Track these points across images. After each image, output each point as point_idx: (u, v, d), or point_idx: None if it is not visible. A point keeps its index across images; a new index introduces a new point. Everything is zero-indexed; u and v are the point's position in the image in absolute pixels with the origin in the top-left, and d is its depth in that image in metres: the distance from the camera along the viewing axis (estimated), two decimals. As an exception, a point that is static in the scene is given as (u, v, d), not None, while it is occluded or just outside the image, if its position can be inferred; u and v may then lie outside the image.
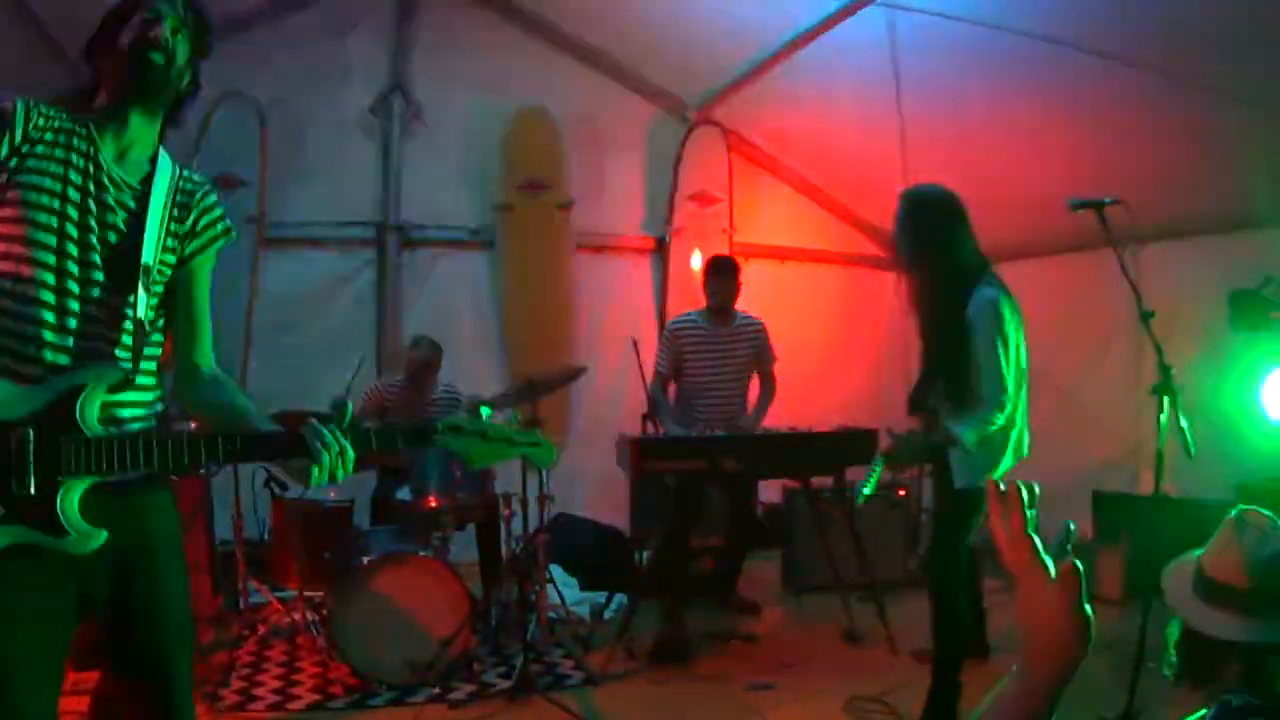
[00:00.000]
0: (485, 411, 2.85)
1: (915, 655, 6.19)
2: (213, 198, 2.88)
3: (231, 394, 2.88)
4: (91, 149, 2.62)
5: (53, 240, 2.50)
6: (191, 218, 2.80)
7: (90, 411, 2.48)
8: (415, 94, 9.01)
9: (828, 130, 9.07)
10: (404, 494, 6.50)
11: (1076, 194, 5.08)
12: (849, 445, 6.73)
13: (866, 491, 5.13)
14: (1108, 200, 4.96)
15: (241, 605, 6.68)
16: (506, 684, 5.70)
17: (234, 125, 8.38)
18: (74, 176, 2.57)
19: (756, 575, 7.98)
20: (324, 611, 6.08)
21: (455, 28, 9.06)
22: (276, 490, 6.51)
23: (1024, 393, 5.06)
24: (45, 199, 2.51)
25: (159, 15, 2.64)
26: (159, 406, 2.76)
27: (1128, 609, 6.98)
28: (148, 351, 2.69)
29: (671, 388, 7.42)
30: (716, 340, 7.28)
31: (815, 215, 10.29)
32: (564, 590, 7.07)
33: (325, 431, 2.57)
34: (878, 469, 5.12)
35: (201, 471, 6.77)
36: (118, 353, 2.62)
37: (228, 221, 2.91)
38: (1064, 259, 8.42)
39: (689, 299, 8.56)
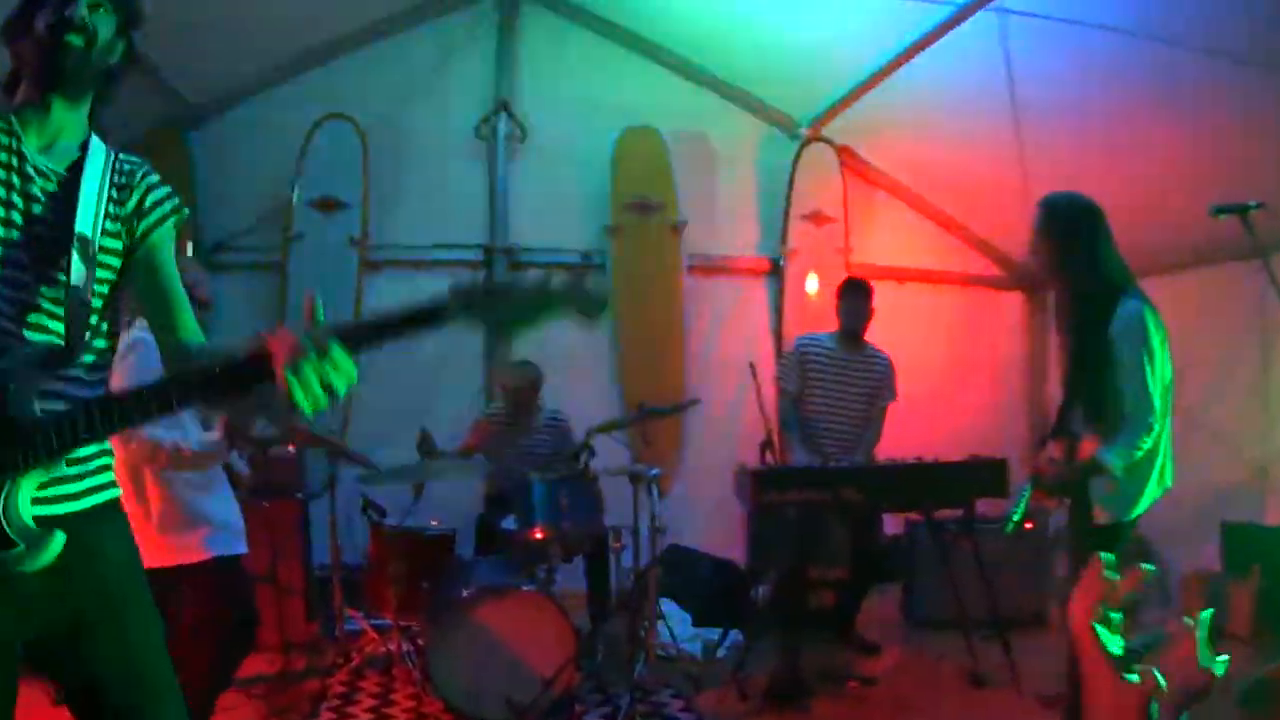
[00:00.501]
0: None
1: (1043, 700, 5.81)
2: (155, 177, 2.68)
3: (225, 348, 2.50)
4: (14, 141, 2.43)
5: None
6: (135, 198, 2.61)
7: (22, 394, 2.28)
8: (520, 114, 8.83)
9: (941, 144, 8.71)
10: (509, 524, 6.24)
11: (1207, 203, 4.72)
12: (977, 476, 6.42)
13: (1016, 518, 4.91)
14: (1253, 205, 4.54)
15: (336, 632, 6.51)
16: (610, 727, 5.42)
17: (335, 147, 8.34)
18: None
19: (875, 611, 7.62)
20: (420, 643, 5.83)
21: (560, 47, 8.93)
22: (374, 517, 6.34)
23: (1169, 417, 4.71)
24: None
25: None
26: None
27: (1259, 646, 6.64)
28: (93, 323, 2.49)
29: None
30: (844, 367, 7.07)
31: (932, 234, 9.90)
32: (676, 626, 6.78)
33: (302, 337, 2.10)
34: (1026, 494, 4.84)
35: (298, 495, 6.68)
36: (50, 325, 2.40)
37: (176, 199, 2.69)
38: (1187, 274, 7.97)
39: (805, 322, 8.27)
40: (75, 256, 2.41)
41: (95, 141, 2.59)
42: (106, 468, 2.59)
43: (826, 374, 7.06)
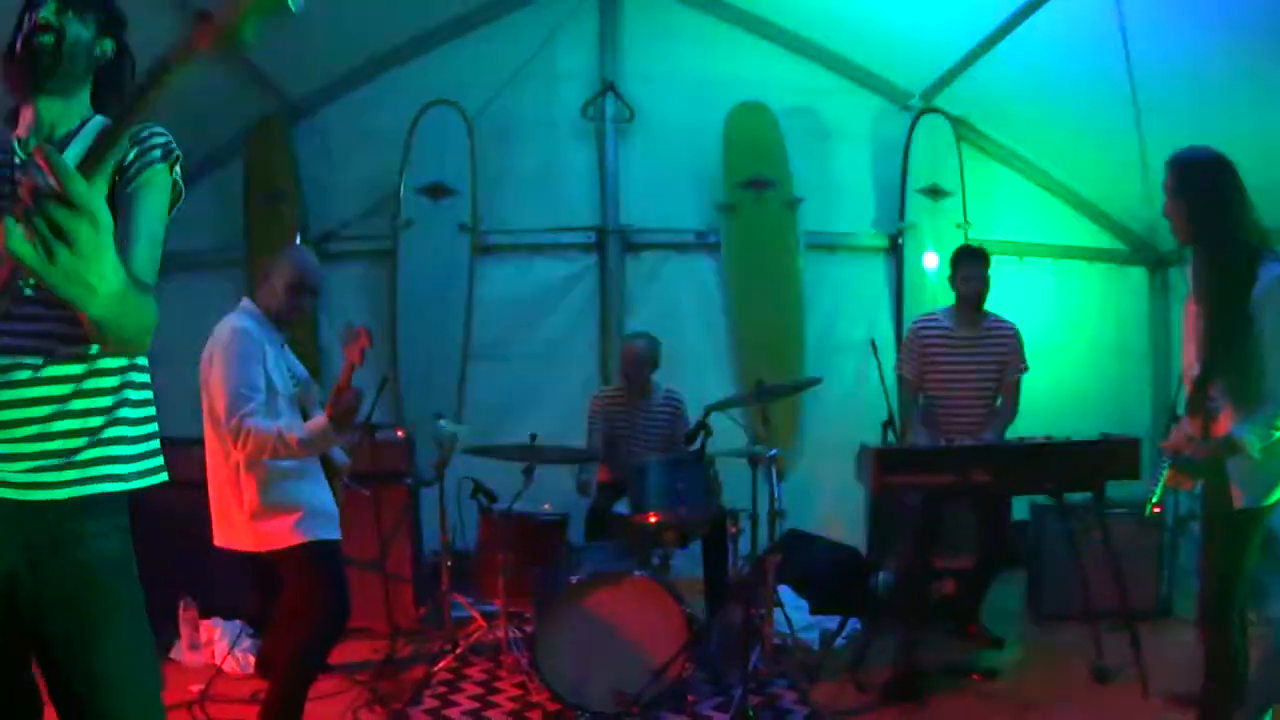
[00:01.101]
0: None
1: (1170, 699, 5.52)
2: (149, 129, 2.63)
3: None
4: (11, 157, 2.56)
5: None
6: (123, 154, 2.57)
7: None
8: (627, 94, 8.74)
9: (1056, 112, 8.40)
10: (622, 508, 6.11)
11: None
12: (1110, 456, 6.04)
13: (1155, 499, 4.61)
14: None
15: (444, 619, 6.47)
16: (723, 717, 5.28)
17: (441, 134, 8.38)
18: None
19: (998, 601, 7.31)
20: (528, 630, 5.72)
21: (663, 25, 8.84)
22: (484, 502, 6.28)
23: None
24: None
25: (36, 2, 2.56)
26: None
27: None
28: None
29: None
30: (965, 344, 6.80)
31: (1051, 207, 9.59)
32: (793, 614, 6.60)
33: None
34: (1164, 474, 4.56)
35: (407, 481, 6.65)
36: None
37: (170, 146, 2.65)
38: None
39: (925, 299, 8.06)
40: None
41: (96, 119, 2.67)
42: (98, 461, 2.53)
43: (946, 354, 6.82)
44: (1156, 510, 5.01)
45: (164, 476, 2.70)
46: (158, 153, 2.60)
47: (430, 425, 6.65)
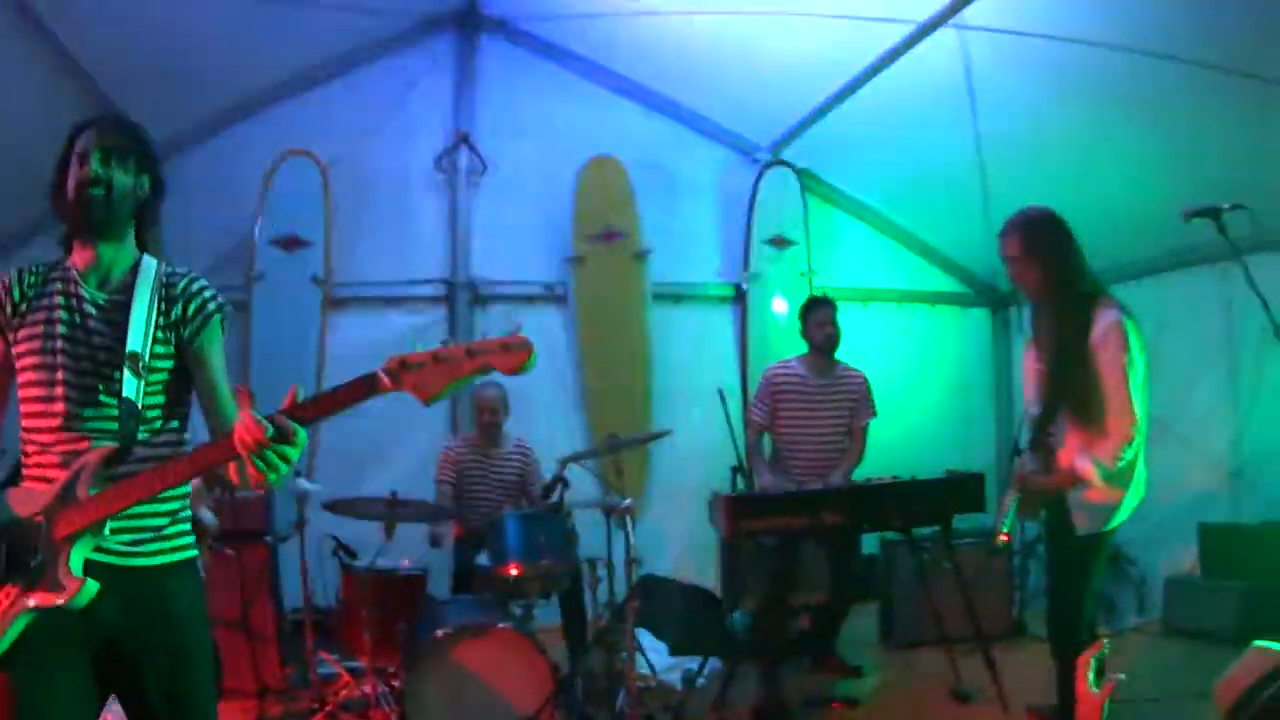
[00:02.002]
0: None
1: (1031, 713, 5.80)
2: (198, 284, 3.13)
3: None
4: (72, 285, 2.99)
5: (51, 365, 2.91)
6: (179, 307, 3.06)
7: (82, 485, 2.79)
8: (481, 146, 8.82)
9: (903, 163, 8.74)
10: (483, 560, 6.18)
11: (1172, 208, 4.71)
12: (956, 491, 6.37)
13: (1005, 529, 4.90)
14: (1227, 206, 4.46)
15: (311, 677, 6.42)
16: (593, 762, 5.32)
17: (296, 184, 8.30)
18: (61, 313, 2.95)
19: (855, 632, 7.55)
20: (396, 685, 5.76)
21: (519, 79, 8.95)
22: (345, 559, 6.25)
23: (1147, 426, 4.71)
24: (43, 338, 2.93)
25: (86, 153, 2.96)
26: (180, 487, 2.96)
27: (1244, 649, 6.59)
28: (145, 429, 2.96)
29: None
30: (816, 391, 7.07)
31: (895, 253, 9.96)
32: (654, 657, 6.71)
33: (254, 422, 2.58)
34: (1013, 508, 4.85)
35: (266, 539, 6.62)
36: (109, 427, 2.90)
37: (218, 300, 3.15)
38: (1152, 281, 8.05)
39: (770, 346, 8.29)
40: (127, 372, 2.91)
41: (146, 261, 3.08)
42: (178, 534, 3.04)
43: (798, 399, 7.04)
44: (1004, 539, 5.27)
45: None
46: (213, 305, 3.11)
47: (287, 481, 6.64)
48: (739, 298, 9.29)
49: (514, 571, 5.79)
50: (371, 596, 5.88)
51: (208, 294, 3.11)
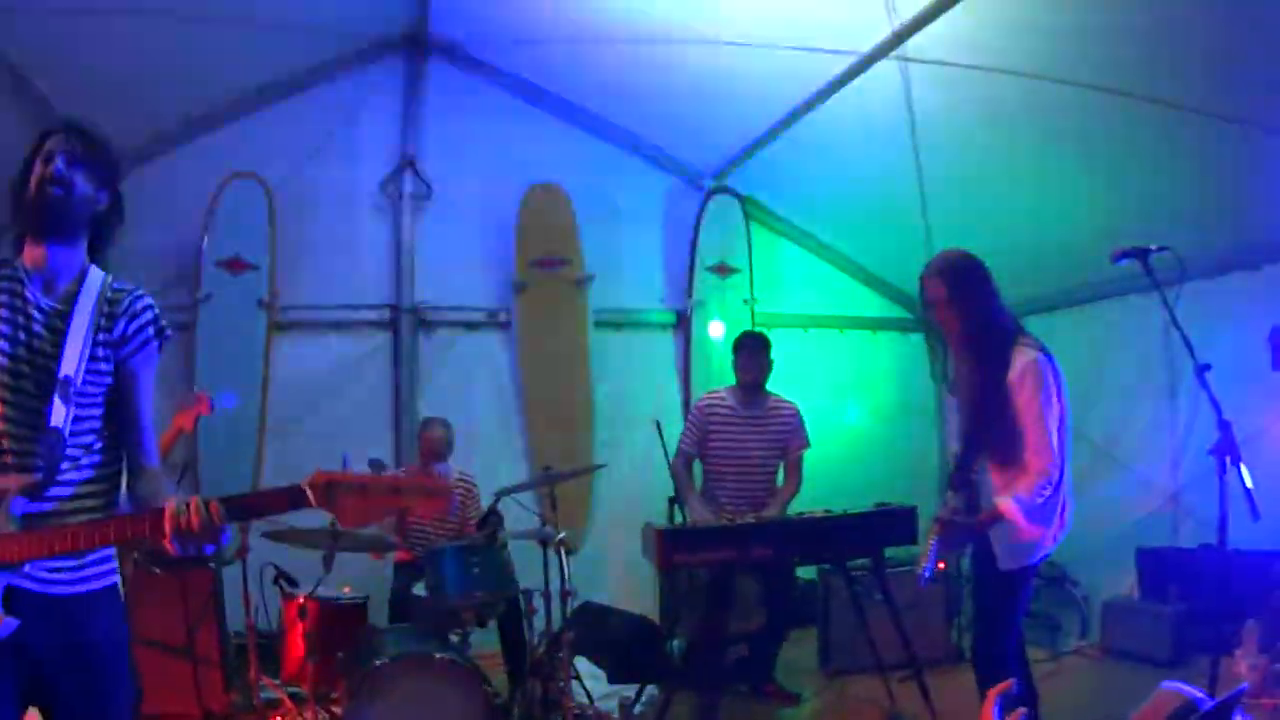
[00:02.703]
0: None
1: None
2: (141, 302, 3.12)
3: (157, 486, 3.09)
4: (18, 286, 2.97)
5: None
6: (120, 325, 3.05)
7: (4, 518, 2.77)
8: (427, 171, 8.86)
9: (845, 191, 8.87)
10: (421, 591, 6.22)
11: (1108, 239, 4.88)
12: (886, 525, 6.41)
13: (928, 575, 4.86)
14: (1154, 248, 4.60)
15: (254, 702, 6.43)
16: (530, 791, 5.39)
17: (242, 207, 8.28)
18: (5, 312, 2.93)
19: (791, 658, 7.63)
20: (337, 711, 5.80)
21: (466, 103, 8.93)
22: (285, 587, 6.27)
23: (1069, 460, 4.82)
24: None
25: (52, 154, 2.97)
26: (98, 515, 2.97)
27: (1181, 671, 6.71)
28: (75, 457, 2.95)
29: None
30: (747, 421, 7.10)
31: (838, 280, 10.08)
32: (591, 685, 6.76)
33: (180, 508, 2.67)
34: (934, 549, 4.86)
35: (210, 565, 6.63)
36: (37, 461, 2.86)
37: (160, 323, 3.15)
38: (1094, 307, 8.34)
39: (713, 373, 8.37)
40: (56, 398, 2.87)
41: (92, 273, 3.07)
42: (97, 562, 3.01)
43: (730, 428, 7.10)
44: (941, 566, 5.31)
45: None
46: (151, 330, 3.11)
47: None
48: (681, 324, 9.39)
49: (449, 602, 5.86)
50: (311, 625, 5.90)
51: (150, 315, 3.12)
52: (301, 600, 6.00)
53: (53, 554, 2.76)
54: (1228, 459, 4.30)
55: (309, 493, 2.61)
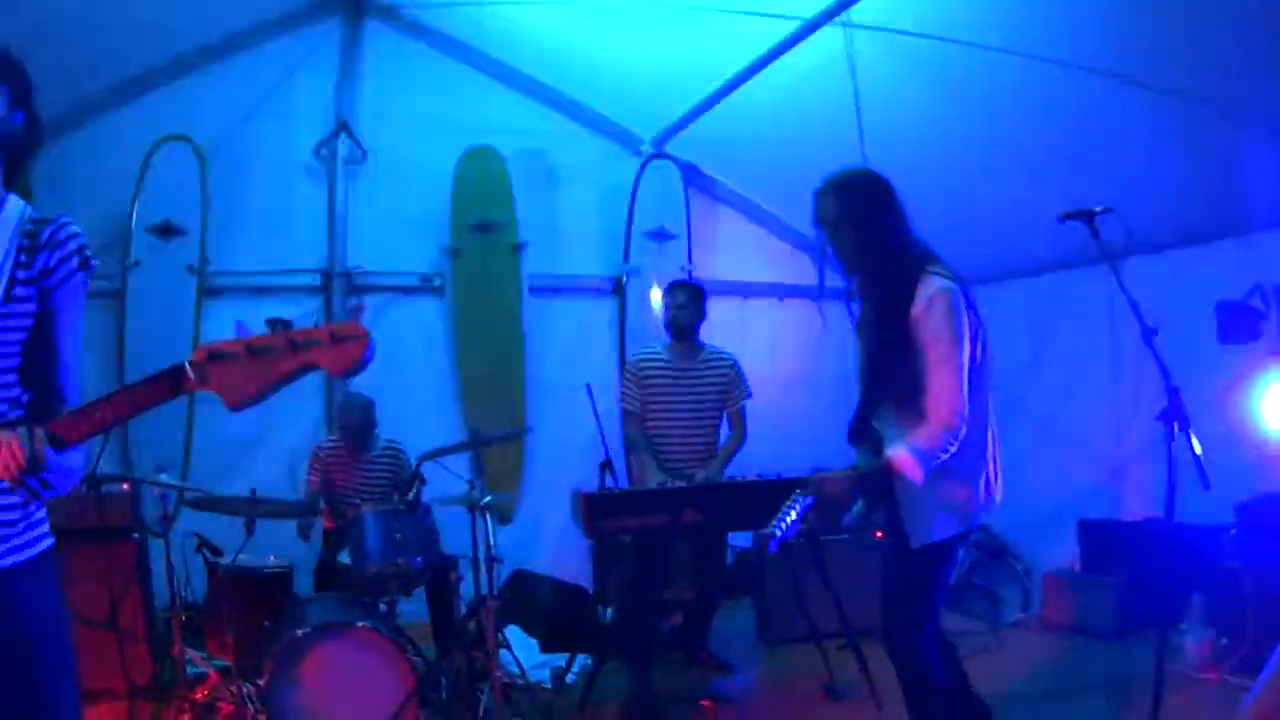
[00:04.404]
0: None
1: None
2: (65, 231, 2.77)
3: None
4: None
5: None
6: (40, 258, 2.72)
7: None
8: (362, 134, 8.76)
9: (786, 159, 8.77)
10: (344, 558, 6.17)
11: (1053, 212, 4.50)
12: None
13: (777, 532, 3.95)
14: (1098, 209, 4.32)
15: (180, 677, 6.35)
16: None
17: (173, 170, 8.16)
18: None
19: (728, 627, 7.62)
20: (261, 684, 5.74)
21: (402, 66, 8.86)
22: (209, 556, 6.20)
23: (991, 420, 4.25)
24: None
25: None
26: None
27: (1125, 644, 6.77)
28: (1, 412, 2.64)
29: None
30: (682, 375, 6.96)
31: (778, 248, 10.01)
32: (522, 654, 6.72)
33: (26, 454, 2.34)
34: (797, 507, 4.02)
35: (134, 536, 6.55)
36: None
37: (86, 253, 2.79)
38: (1039, 279, 8.38)
39: (649, 340, 8.32)
40: None
41: (11, 202, 2.74)
42: (32, 525, 2.73)
43: (666, 385, 6.94)
44: (879, 535, 5.01)
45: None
46: (76, 261, 2.75)
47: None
48: (618, 291, 9.35)
49: (372, 569, 5.80)
50: (235, 594, 5.84)
51: (75, 244, 2.78)
52: (225, 570, 5.95)
53: None
54: (1175, 425, 3.99)
55: (189, 374, 2.29)
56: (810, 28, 6.95)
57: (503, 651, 6.29)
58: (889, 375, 4.18)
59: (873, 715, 5.97)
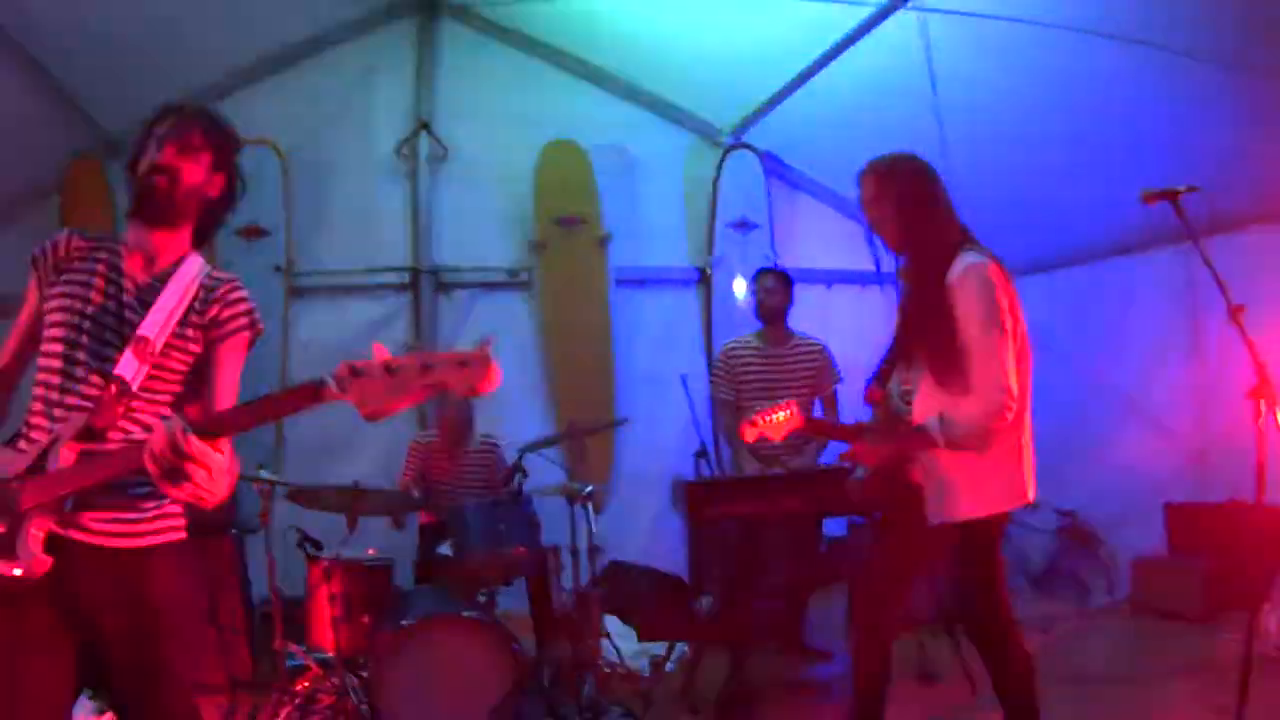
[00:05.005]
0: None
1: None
2: (238, 293, 3.17)
3: None
4: (116, 259, 3.05)
5: (74, 328, 2.94)
6: (214, 308, 3.09)
7: (56, 458, 2.80)
8: (442, 133, 8.81)
9: (864, 145, 8.65)
10: (445, 550, 6.16)
11: (1134, 190, 4.42)
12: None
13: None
14: (1183, 189, 4.26)
15: (280, 669, 6.37)
16: (561, 748, 5.33)
17: (255, 173, 8.10)
18: (97, 281, 2.99)
19: (825, 615, 7.53)
20: (365, 676, 5.75)
21: (479, 64, 8.94)
22: (310, 550, 6.22)
23: (1027, 416, 4.21)
24: (74, 300, 2.97)
25: (164, 140, 3.01)
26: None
27: (1211, 628, 6.64)
28: (143, 420, 2.96)
29: None
30: (773, 361, 7.00)
31: (858, 236, 9.84)
32: (621, 643, 6.72)
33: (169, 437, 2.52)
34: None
35: (232, 532, 6.60)
36: (91, 404, 2.89)
37: (254, 315, 3.18)
38: (1117, 261, 8.23)
39: (734, 330, 8.27)
40: (129, 352, 2.92)
41: (191, 258, 3.14)
42: (164, 515, 3.03)
43: (758, 372, 6.98)
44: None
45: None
46: (245, 320, 3.16)
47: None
48: (703, 281, 9.30)
49: (475, 560, 5.80)
50: (337, 587, 5.85)
51: (245, 306, 3.17)
52: (326, 563, 5.96)
53: (84, 485, 2.76)
54: (1262, 404, 3.92)
55: (330, 386, 2.44)
56: (883, 13, 6.90)
57: (602, 640, 6.27)
58: (923, 338, 4.26)
59: (967, 699, 5.92)
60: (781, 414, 4.52)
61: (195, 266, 3.12)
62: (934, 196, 4.38)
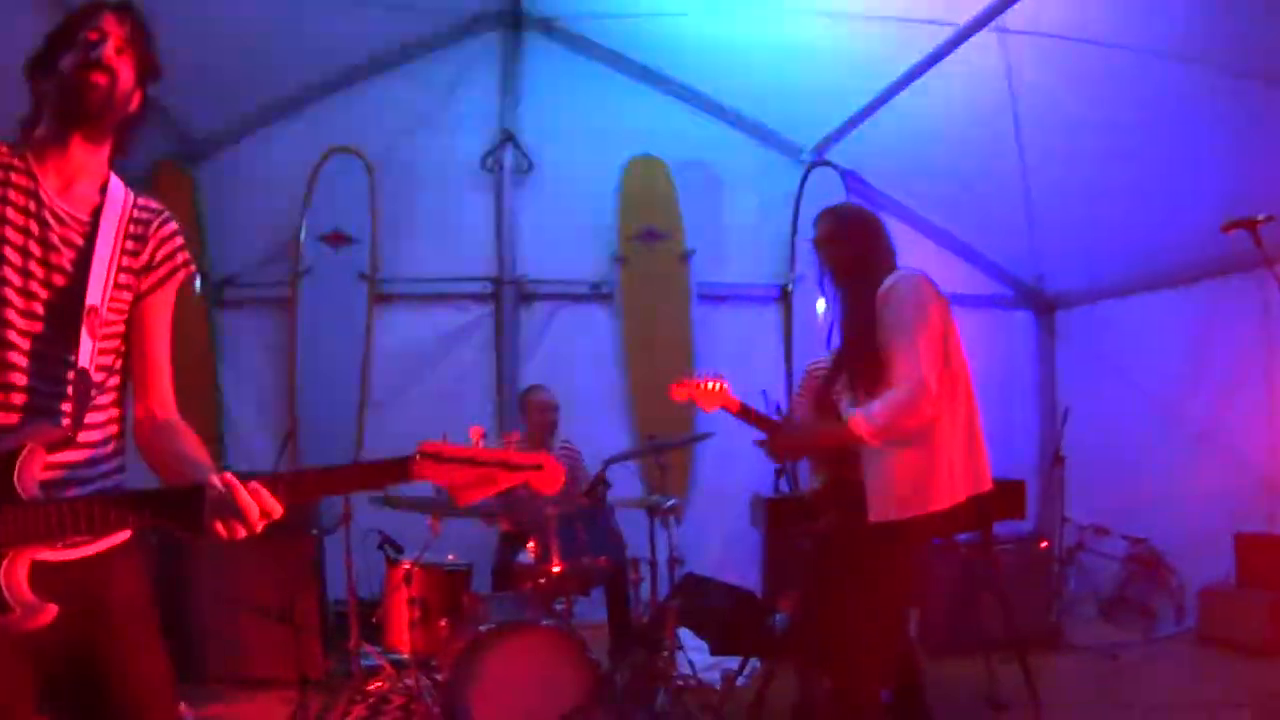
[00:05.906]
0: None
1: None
2: (171, 226, 2.67)
3: (182, 443, 2.58)
4: (32, 183, 2.43)
5: None
6: (148, 249, 2.61)
7: (27, 475, 2.24)
8: (526, 145, 8.87)
9: (945, 165, 8.69)
10: (524, 558, 6.18)
11: (1211, 216, 4.59)
12: (995, 498, 6.25)
13: None
14: (1262, 218, 4.37)
15: (353, 669, 6.43)
16: (633, 760, 5.34)
17: (342, 181, 8.37)
18: (12, 215, 2.38)
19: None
20: (439, 679, 5.78)
21: (563, 77, 9.00)
22: (390, 553, 6.27)
23: (973, 414, 4.49)
24: None
25: (103, 35, 2.47)
26: (119, 471, 2.59)
27: (1277, 660, 6.60)
28: (100, 404, 2.50)
29: None
30: None
31: (937, 255, 9.84)
32: (694, 656, 6.70)
33: (231, 497, 2.20)
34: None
35: (312, 532, 6.65)
36: (61, 408, 2.39)
37: (185, 255, 2.69)
38: (1192, 288, 8.06)
39: (814, 348, 8.24)
40: (84, 332, 2.40)
41: (114, 183, 2.58)
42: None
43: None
44: (1044, 545, 4.92)
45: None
46: (180, 259, 2.66)
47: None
48: (783, 298, 9.29)
49: (556, 569, 5.79)
50: (415, 590, 5.92)
51: (180, 241, 2.67)
52: (407, 566, 6.01)
53: (74, 533, 2.27)
54: None
55: (417, 467, 2.30)
56: (965, 34, 6.86)
57: (676, 653, 6.27)
58: (855, 349, 4.39)
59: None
60: (713, 384, 4.87)
61: (120, 194, 2.58)
62: (877, 242, 4.56)
